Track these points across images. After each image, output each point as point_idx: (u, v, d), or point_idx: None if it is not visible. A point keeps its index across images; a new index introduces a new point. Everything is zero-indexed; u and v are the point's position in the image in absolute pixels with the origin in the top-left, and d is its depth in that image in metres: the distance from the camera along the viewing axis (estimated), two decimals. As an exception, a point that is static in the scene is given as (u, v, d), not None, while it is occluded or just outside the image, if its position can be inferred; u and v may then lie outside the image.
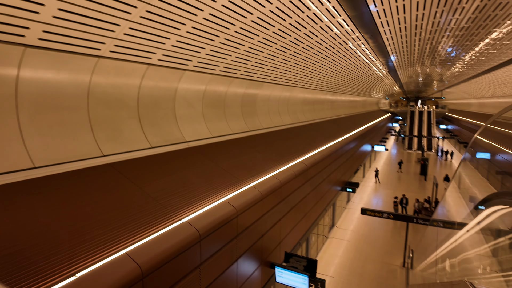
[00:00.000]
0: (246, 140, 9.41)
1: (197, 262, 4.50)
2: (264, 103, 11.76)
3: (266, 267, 7.13)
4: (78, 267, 3.22)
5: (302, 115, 16.28)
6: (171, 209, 4.66)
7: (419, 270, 9.30)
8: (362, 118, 30.65)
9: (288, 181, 7.98)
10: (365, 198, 21.25)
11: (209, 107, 8.42)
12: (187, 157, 6.67)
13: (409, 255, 12.61)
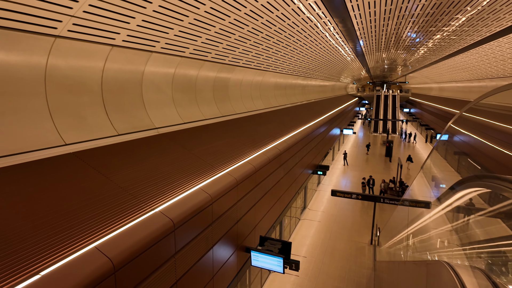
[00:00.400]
0: (219, 126, 9.23)
1: (171, 252, 4.39)
2: (237, 87, 11.55)
3: (242, 251, 7.18)
4: (42, 264, 2.99)
5: (275, 100, 16.26)
6: (142, 199, 4.46)
7: (386, 247, 9.86)
8: (331, 102, 31.32)
9: (262, 166, 7.98)
10: (335, 180, 22.00)
11: (180, 92, 8.09)
12: (158, 144, 6.40)
13: (376, 233, 13.33)
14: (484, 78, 22.37)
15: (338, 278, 10.85)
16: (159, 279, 4.12)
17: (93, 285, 3.10)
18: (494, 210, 3.37)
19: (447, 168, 18.47)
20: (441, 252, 4.87)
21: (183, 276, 4.72)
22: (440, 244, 4.91)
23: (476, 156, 11.14)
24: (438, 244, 5.02)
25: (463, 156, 10.41)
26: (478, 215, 3.88)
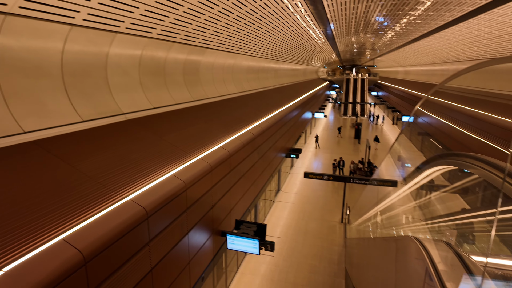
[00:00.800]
0: (190, 111, 9.00)
1: (145, 240, 4.30)
2: (208, 71, 11.25)
3: (218, 236, 7.20)
4: (4, 261, 2.80)
5: (247, 83, 16.09)
6: (112, 188, 4.28)
7: (356, 225, 10.35)
8: (303, 86, 31.60)
9: (237, 151, 7.94)
10: (307, 162, 22.53)
11: (148, 75, 7.73)
12: (126, 130, 6.13)
13: (346, 212, 13.93)
14: (446, 62, 23.52)
15: (311, 256, 11.29)
16: (133, 267, 4.03)
17: (62, 278, 2.96)
18: (455, 186, 3.60)
19: (413, 149, 19.51)
20: (408, 227, 5.18)
21: (159, 263, 4.66)
22: (408, 220, 5.22)
23: (440, 137, 11.82)
24: (406, 220, 5.34)
25: (429, 137, 10.95)
26: (441, 192, 4.14)
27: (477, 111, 10.46)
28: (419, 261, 2.42)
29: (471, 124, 10.58)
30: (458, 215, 3.49)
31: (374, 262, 4.66)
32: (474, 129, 10.32)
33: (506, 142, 1.63)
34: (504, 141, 1.72)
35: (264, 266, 10.66)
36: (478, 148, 9.15)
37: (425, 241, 2.51)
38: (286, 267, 10.60)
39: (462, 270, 2.06)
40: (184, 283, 5.69)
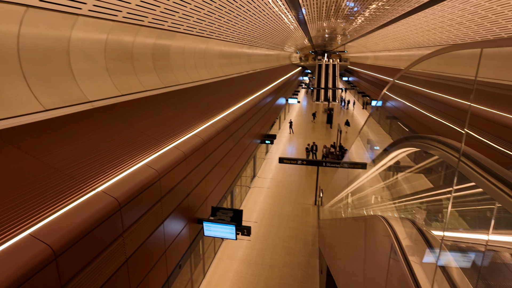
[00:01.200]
0: (162, 98, 8.74)
1: (119, 231, 4.22)
2: (179, 56, 10.91)
3: (194, 223, 7.21)
4: (-36, 261, 2.65)
5: (220, 69, 15.82)
6: (81, 179, 4.12)
7: (328, 207, 10.75)
8: (276, 72, 31.60)
9: (211, 138, 7.87)
10: (282, 148, 22.85)
11: (114, 61, 7.37)
12: (94, 119, 5.86)
13: (319, 195, 14.40)
14: (412, 47, 24.40)
15: (287, 238, 11.64)
16: (107, 259, 3.96)
17: (31, 274, 2.86)
18: (419, 167, 3.83)
19: (381, 132, 20.28)
20: (376, 207, 5.48)
21: (134, 253, 4.60)
22: (376, 200, 5.51)
23: (406, 120, 12.37)
24: (374, 200, 5.63)
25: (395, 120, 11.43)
26: (406, 172, 4.39)
27: (438, 94, 11.04)
28: (386, 238, 2.59)
29: (434, 107, 11.18)
30: (420, 194, 3.74)
31: (345, 240, 4.90)
32: (436, 112, 10.92)
33: (462, 123, 1.76)
34: (462, 122, 1.86)
35: (241, 250, 10.86)
36: (439, 130, 9.73)
37: (391, 219, 2.68)
38: (263, 250, 10.87)
39: (423, 244, 2.23)
40: (161, 271, 5.69)
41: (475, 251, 2.14)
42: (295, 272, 9.78)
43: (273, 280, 9.43)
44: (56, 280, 3.15)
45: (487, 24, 12.18)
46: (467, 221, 2.49)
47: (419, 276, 1.98)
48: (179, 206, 6.24)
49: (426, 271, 2.02)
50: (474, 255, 2.05)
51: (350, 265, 4.44)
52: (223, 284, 9.25)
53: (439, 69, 16.20)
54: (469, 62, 14.25)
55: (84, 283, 3.55)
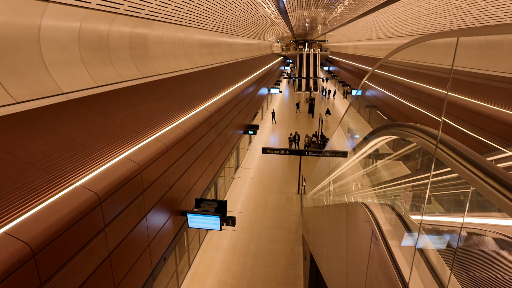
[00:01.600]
0: (140, 88, 8.50)
1: (100, 226, 4.12)
2: (157, 45, 10.59)
3: (178, 215, 7.16)
4: None
5: (200, 59, 15.53)
6: (58, 174, 3.97)
7: (311, 195, 10.95)
8: (258, 62, 31.40)
9: (193, 129, 7.77)
10: (265, 138, 22.93)
11: (90, 50, 7.07)
12: (69, 111, 5.64)
13: (302, 183, 14.63)
14: (391, 36, 24.84)
15: (271, 227, 11.80)
16: (89, 254, 3.88)
17: (9, 273, 2.76)
18: (398, 154, 3.95)
19: (361, 121, 20.58)
20: (357, 194, 5.62)
21: (117, 247, 4.53)
22: (357, 187, 5.65)
23: (385, 108, 12.66)
24: (355, 187, 5.77)
25: (375, 109, 11.61)
26: (386, 160, 4.52)
27: (416, 83, 11.36)
28: (367, 224, 2.67)
29: (412, 96, 11.50)
30: (399, 180, 3.88)
31: (328, 227, 5.03)
32: (414, 101, 11.24)
33: (439, 111, 1.82)
34: (438, 110, 1.92)
35: (226, 241, 10.93)
36: (416, 118, 10.04)
37: (371, 206, 2.76)
38: (247, 239, 10.98)
39: (402, 228, 2.32)
40: (146, 264, 5.64)
41: (451, 233, 2.26)
42: (280, 260, 9.97)
43: (258, 268, 9.58)
44: (35, 278, 3.06)
45: (461, 14, 12.55)
46: (444, 205, 2.61)
47: (398, 259, 2.07)
48: (162, 199, 6.16)
49: (405, 254, 2.10)
50: (450, 237, 2.16)
51: (332, 251, 4.57)
52: (208, 274, 9.31)
53: (417, 58, 16.63)
54: (445, 51, 14.70)
55: (66, 280, 3.47)
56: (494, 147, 4.29)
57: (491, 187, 1.27)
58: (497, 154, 3.25)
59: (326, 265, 5.24)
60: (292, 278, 9.21)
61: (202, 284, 8.89)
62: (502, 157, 3.37)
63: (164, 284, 7.48)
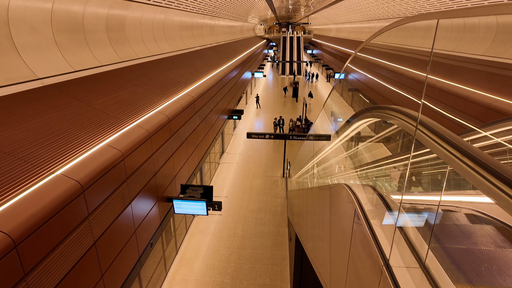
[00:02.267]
0: (120, 73, 8.22)
1: (84, 214, 4.06)
2: (136, 27, 10.20)
3: (164, 202, 7.14)
4: None
5: (182, 42, 15.09)
6: (36, 163, 3.84)
7: (295, 178, 11.13)
8: (241, 45, 30.85)
9: (176, 115, 7.64)
10: (249, 123, 22.87)
11: (64, 33, 6.73)
12: (45, 98, 5.40)
13: (287, 167, 14.81)
14: (373, 19, 24.89)
15: (257, 210, 11.98)
16: (74, 243, 3.83)
17: (-10, 266, 2.70)
18: (379, 136, 4.05)
19: (344, 104, 20.83)
20: (340, 176, 5.77)
21: (102, 235, 4.49)
22: (339, 169, 5.79)
23: (367, 92, 12.83)
24: (338, 170, 5.91)
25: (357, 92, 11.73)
26: (367, 142, 4.63)
27: (397, 66, 11.53)
28: (349, 204, 2.75)
29: (393, 79, 11.70)
30: (381, 162, 3.99)
31: (312, 209, 5.16)
32: (395, 83, 11.44)
33: (419, 93, 1.87)
34: (418, 92, 1.97)
35: (213, 225, 11.03)
36: (397, 101, 10.26)
37: (354, 187, 2.85)
38: (234, 223, 11.13)
39: (383, 208, 2.41)
40: (132, 251, 5.64)
41: (430, 211, 2.37)
42: (266, 241, 10.19)
43: (245, 250, 9.77)
44: (18, 268, 3.01)
45: (442, -3, 12.68)
46: (423, 184, 2.72)
47: (379, 237, 2.16)
48: (147, 186, 6.10)
49: (386, 232, 2.20)
50: (428, 214, 2.26)
51: (317, 231, 4.71)
52: (196, 258, 9.42)
53: (397, 41, 16.77)
54: (425, 34, 14.90)
55: (51, 269, 3.43)
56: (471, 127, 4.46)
57: (467, 166, 1.33)
58: (474, 134, 3.39)
59: (310, 245, 5.41)
60: (278, 258, 9.46)
61: (190, 268, 9.01)
62: (478, 137, 3.52)
63: (152, 269, 7.53)
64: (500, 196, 1.10)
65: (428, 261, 1.80)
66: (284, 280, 8.65)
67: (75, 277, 3.88)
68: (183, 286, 8.38)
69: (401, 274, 1.86)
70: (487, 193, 1.18)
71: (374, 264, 2.12)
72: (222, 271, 8.90)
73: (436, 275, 1.73)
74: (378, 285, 2.04)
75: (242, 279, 8.62)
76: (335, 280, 3.41)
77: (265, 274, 8.83)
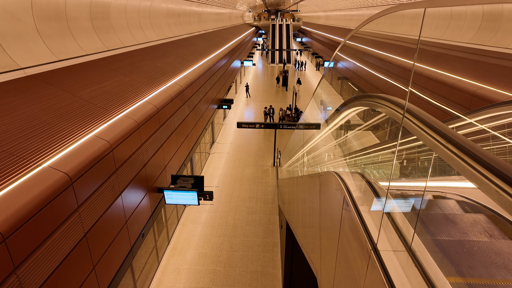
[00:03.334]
0: (106, 62, 8.02)
1: (74, 206, 4.02)
2: (121, 15, 9.91)
3: (154, 193, 7.11)
4: None
5: (169, 29, 14.77)
6: (22, 156, 3.76)
7: (286, 167, 11.22)
8: (229, 32, 30.38)
9: (165, 105, 7.54)
10: (239, 112, 22.79)
11: (45, 20, 6.49)
12: (29, 88, 5.25)
13: (277, 156, 14.90)
14: (362, 6, 24.82)
15: (248, 199, 12.08)
16: (64, 235, 3.80)
17: (-22, 261, 2.66)
18: (368, 124, 4.10)
19: (333, 93, 20.92)
20: (330, 164, 5.85)
21: (92, 227, 4.47)
22: (329, 157, 5.86)
23: (356, 80, 12.89)
24: (327, 158, 5.99)
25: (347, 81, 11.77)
26: (356, 130, 4.69)
27: (385, 54, 11.60)
28: (338, 191, 2.81)
29: (381, 67, 11.78)
30: (370, 149, 4.06)
31: (302, 196, 5.24)
32: (383, 71, 11.53)
33: (407, 81, 1.90)
34: (406, 80, 2.00)
35: (204, 215, 11.09)
36: (385, 89, 10.37)
37: (343, 174, 2.90)
38: (226, 212, 11.21)
39: (372, 194, 2.46)
40: (124, 242, 5.64)
41: (416, 197, 2.44)
42: (257, 229, 10.33)
43: (236, 238, 9.89)
44: (8, 262, 2.98)
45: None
46: (410, 171, 2.80)
47: (368, 222, 2.22)
48: (137, 177, 6.06)
49: (374, 218, 2.26)
50: (414, 200, 2.34)
51: (307, 218, 4.80)
52: (188, 247, 9.50)
53: (386, 29, 16.80)
54: (413, 22, 14.98)
55: (42, 261, 3.41)
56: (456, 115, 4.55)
57: (451, 152, 1.37)
58: (459, 121, 3.48)
59: (301, 232, 5.51)
60: (270, 245, 9.62)
61: (182, 257, 9.09)
62: (463, 124, 3.61)
63: (144, 259, 7.56)
64: (482, 181, 1.14)
65: (414, 244, 1.87)
66: (275, 266, 8.82)
67: (66, 268, 3.87)
68: (176, 275, 8.47)
69: (388, 258, 1.92)
70: (469, 178, 1.22)
71: (362, 248, 2.18)
72: (214, 260, 9.01)
73: (421, 258, 1.80)
74: (366, 269, 2.11)
75: (235, 267, 8.76)
76: (325, 265, 3.51)
77: (257, 261, 8.98)
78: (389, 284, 1.77)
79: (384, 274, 1.84)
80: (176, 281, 8.28)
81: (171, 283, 8.20)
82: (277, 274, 8.54)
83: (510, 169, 1.04)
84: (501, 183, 1.05)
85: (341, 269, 2.78)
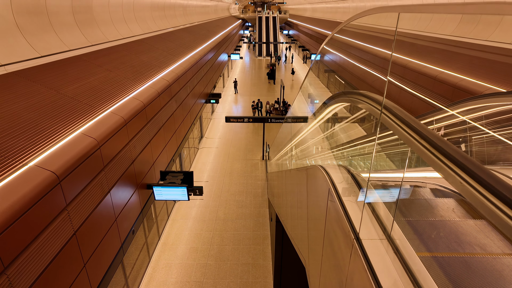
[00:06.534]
0: (90, 58, 7.88)
1: (62, 205, 4.01)
2: (104, 8, 9.70)
3: (143, 189, 7.11)
4: None
5: (153, 23, 14.53)
6: (6, 155, 3.72)
7: (275, 160, 11.34)
8: (216, 25, 30.06)
9: (152, 100, 7.49)
10: (227, 106, 22.73)
11: (25, 15, 6.32)
12: (10, 86, 5.14)
13: (266, 150, 15.01)
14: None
15: (238, 193, 12.18)
16: (53, 234, 3.80)
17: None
18: (351, 119, 4.22)
19: (321, 86, 21.05)
20: (316, 157, 5.97)
21: (82, 225, 4.47)
22: (316, 151, 5.98)
23: (343, 73, 13.05)
24: (314, 151, 6.11)
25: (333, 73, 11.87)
26: (341, 124, 4.81)
27: (370, 46, 11.76)
28: (324, 184, 2.91)
29: (366, 59, 11.95)
30: (352, 143, 4.19)
31: (291, 189, 5.35)
32: (368, 64, 11.71)
33: (389, 72, 1.99)
34: (388, 71, 2.10)
35: (195, 210, 11.13)
36: (371, 82, 10.56)
37: (328, 168, 3.01)
38: (216, 207, 11.29)
39: (354, 186, 2.58)
40: (114, 239, 5.65)
41: (394, 187, 2.57)
42: (248, 223, 10.46)
43: (227, 232, 10.00)
44: (-3, 263, 2.98)
45: (413, -23, 12.88)
46: (389, 163, 2.92)
47: (350, 213, 2.33)
48: (125, 173, 6.05)
49: (356, 208, 2.37)
50: (393, 190, 2.46)
51: (295, 210, 4.92)
52: (179, 242, 9.55)
53: (372, 21, 16.97)
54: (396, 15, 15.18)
55: (32, 261, 3.42)
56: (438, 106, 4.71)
57: (424, 147, 1.47)
58: (437, 115, 3.63)
59: (290, 223, 5.65)
60: (260, 238, 9.78)
61: (173, 252, 9.14)
62: (445, 116, 3.77)
63: (135, 256, 7.58)
64: (448, 172, 1.25)
65: (393, 232, 1.99)
66: (266, 258, 8.99)
67: (57, 267, 3.88)
68: (167, 270, 8.53)
69: (369, 245, 2.04)
70: (438, 170, 1.33)
71: (346, 238, 2.30)
72: (205, 254, 9.11)
73: (399, 244, 1.92)
74: (350, 257, 2.22)
75: (226, 260, 8.88)
76: (313, 255, 3.64)
77: (248, 254, 9.12)
78: (370, 270, 1.89)
79: (365, 261, 1.96)
80: (167, 276, 8.34)
81: (163, 278, 8.26)
82: (268, 266, 8.71)
83: (472, 162, 1.15)
84: (464, 175, 1.15)
85: (327, 258, 2.91)
